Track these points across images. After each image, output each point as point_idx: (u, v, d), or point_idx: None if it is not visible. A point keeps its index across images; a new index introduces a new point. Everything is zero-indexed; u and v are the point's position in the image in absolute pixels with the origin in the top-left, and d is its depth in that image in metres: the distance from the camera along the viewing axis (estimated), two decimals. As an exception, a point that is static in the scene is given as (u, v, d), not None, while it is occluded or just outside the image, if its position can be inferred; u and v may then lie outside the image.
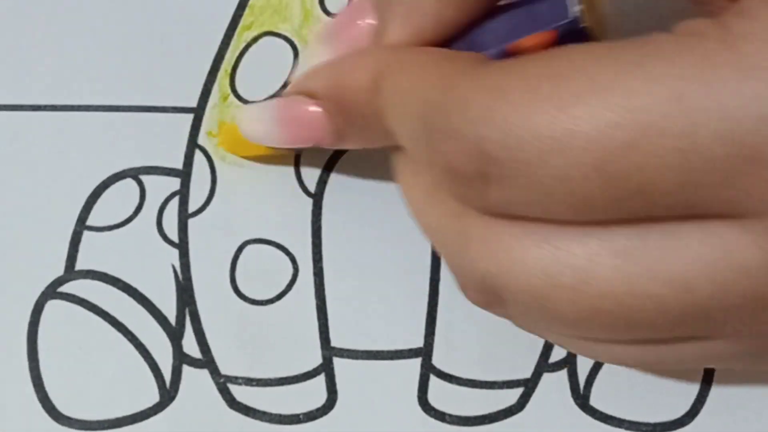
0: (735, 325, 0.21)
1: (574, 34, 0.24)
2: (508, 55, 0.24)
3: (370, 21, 0.26)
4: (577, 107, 0.20)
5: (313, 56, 0.27)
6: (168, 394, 0.29)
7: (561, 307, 0.22)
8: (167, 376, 0.30)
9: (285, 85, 0.32)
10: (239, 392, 0.29)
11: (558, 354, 0.30)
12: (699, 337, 0.22)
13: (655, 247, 0.21)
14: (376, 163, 0.31)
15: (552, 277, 0.21)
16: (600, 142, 0.20)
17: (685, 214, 0.20)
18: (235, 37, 0.33)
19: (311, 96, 0.27)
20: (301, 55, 0.28)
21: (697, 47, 0.20)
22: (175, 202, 0.31)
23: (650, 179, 0.20)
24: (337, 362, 0.30)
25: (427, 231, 0.25)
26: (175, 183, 0.31)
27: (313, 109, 0.26)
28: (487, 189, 0.21)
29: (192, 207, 0.31)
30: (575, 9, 0.23)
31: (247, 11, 0.33)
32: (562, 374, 0.30)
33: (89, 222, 0.31)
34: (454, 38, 0.25)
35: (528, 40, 0.24)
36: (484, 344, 0.30)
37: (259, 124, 0.29)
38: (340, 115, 0.26)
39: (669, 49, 0.20)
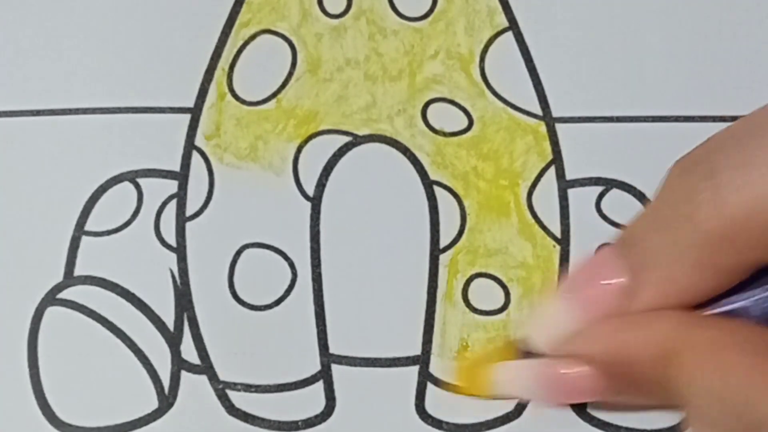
0: None
1: None
2: None
3: (620, 280, 0.25)
4: None
5: (555, 310, 0.26)
6: (166, 400, 0.30)
7: None
8: (166, 382, 0.30)
9: (284, 85, 0.32)
10: (238, 398, 0.30)
11: (556, 362, 0.30)
12: None
13: None
14: (375, 167, 0.31)
15: None
16: None
17: None
18: (233, 34, 0.32)
19: (586, 360, 0.26)
20: (539, 307, 0.27)
21: None
22: (172, 205, 0.31)
23: None
24: (336, 369, 0.30)
25: None
26: (172, 186, 0.31)
27: (587, 373, 0.26)
28: None
29: (189, 210, 0.31)
30: None
31: (244, 8, 0.32)
32: (560, 382, 0.30)
33: (87, 227, 0.31)
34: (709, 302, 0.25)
35: None
36: (482, 352, 0.30)
37: (521, 381, 0.27)
38: (618, 380, 0.25)
39: None
